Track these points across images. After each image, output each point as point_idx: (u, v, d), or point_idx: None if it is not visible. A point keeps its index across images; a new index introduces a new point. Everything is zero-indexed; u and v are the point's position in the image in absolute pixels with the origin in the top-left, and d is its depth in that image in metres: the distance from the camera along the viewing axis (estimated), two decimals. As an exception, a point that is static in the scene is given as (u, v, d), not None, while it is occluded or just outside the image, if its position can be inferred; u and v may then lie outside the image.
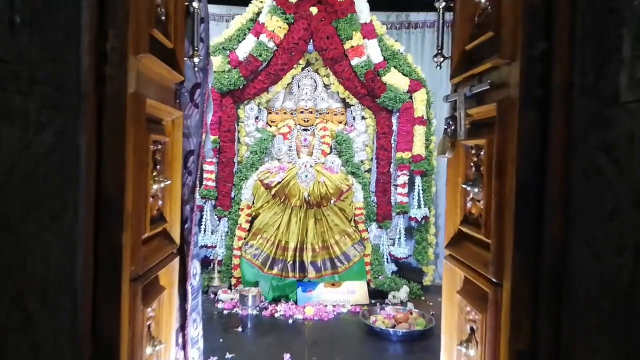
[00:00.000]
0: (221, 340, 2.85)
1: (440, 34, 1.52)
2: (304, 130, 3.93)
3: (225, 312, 3.35)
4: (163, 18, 1.37)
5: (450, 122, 1.47)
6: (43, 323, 0.93)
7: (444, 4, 1.53)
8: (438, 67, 1.58)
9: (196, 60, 1.51)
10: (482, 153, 1.32)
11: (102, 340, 1.03)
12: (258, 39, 3.63)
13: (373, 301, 3.59)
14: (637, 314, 0.87)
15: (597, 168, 0.95)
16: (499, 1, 1.17)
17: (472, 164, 1.39)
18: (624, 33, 0.90)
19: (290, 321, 3.20)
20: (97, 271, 1.05)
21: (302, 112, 3.91)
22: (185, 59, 1.52)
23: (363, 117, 4.00)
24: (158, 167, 1.36)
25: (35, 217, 0.92)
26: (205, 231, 3.81)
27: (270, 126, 3.99)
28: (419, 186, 3.86)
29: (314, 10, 3.61)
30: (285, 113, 4.00)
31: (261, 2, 3.72)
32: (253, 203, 3.76)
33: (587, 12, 0.97)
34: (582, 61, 0.97)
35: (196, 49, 1.52)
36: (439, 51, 1.55)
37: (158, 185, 1.31)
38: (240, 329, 3.02)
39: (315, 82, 4.02)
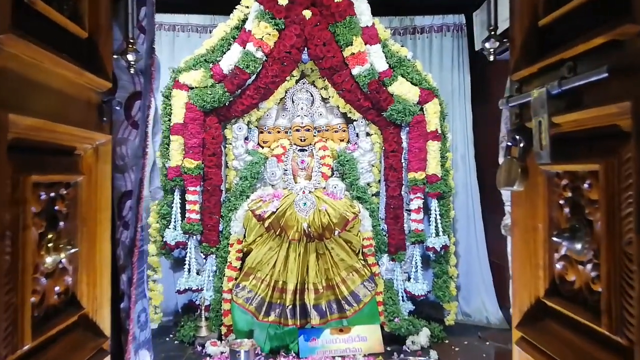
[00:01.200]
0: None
1: (494, 4, 1.02)
2: (301, 150, 3.43)
3: (213, 370, 2.80)
4: (69, -9, 0.88)
5: (518, 137, 0.97)
6: None
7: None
8: (491, 56, 1.08)
9: (131, 57, 1.02)
10: (585, 185, 0.81)
11: None
12: (245, 48, 3.17)
13: (389, 348, 3.07)
14: None
15: None
16: None
17: (561, 202, 0.88)
18: None
19: (291, 381, 2.66)
20: None
21: (297, 130, 3.42)
22: (115, 56, 1.03)
23: (368, 134, 3.51)
24: (61, 224, 0.85)
25: None
26: (189, 272, 3.29)
27: (262, 147, 3.50)
28: (435, 211, 3.35)
29: (307, 13, 3.15)
30: (278, 132, 3.51)
31: (247, 7, 3.26)
32: (244, 237, 3.24)
33: None
34: None
35: (132, 41, 1.03)
36: (492, 32, 1.05)
37: (56, 257, 0.80)
38: (230, 396, 2.48)
39: (312, 96, 3.55)
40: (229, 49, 3.23)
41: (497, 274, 3.68)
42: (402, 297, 3.34)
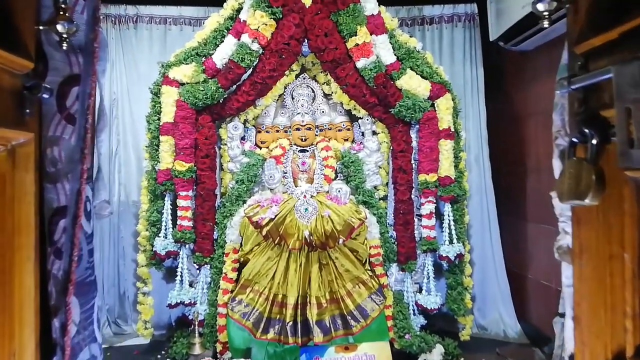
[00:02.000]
0: None
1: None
2: (302, 151, 3.17)
3: (206, 394, 2.55)
4: None
5: (588, 131, 0.71)
6: None
7: None
8: (546, 22, 0.81)
9: (61, 28, 0.76)
10: None
11: None
12: (239, 40, 2.91)
13: (399, 368, 2.80)
14: None
15: None
16: None
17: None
18: None
19: (292, 407, 2.40)
20: None
21: (298, 129, 3.15)
22: (42, 27, 0.77)
23: (374, 132, 3.24)
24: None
25: None
26: (182, 283, 3.03)
27: (260, 148, 3.24)
28: (449, 216, 3.07)
29: (307, 1, 2.89)
30: (277, 131, 3.25)
31: (241, -5, 3.01)
32: (241, 246, 2.98)
33: None
34: None
35: (63, 6, 0.77)
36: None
37: None
38: None
39: (313, 92, 3.29)
40: (223, 41, 2.98)
41: (515, 284, 3.40)
42: (413, 310, 3.07)
